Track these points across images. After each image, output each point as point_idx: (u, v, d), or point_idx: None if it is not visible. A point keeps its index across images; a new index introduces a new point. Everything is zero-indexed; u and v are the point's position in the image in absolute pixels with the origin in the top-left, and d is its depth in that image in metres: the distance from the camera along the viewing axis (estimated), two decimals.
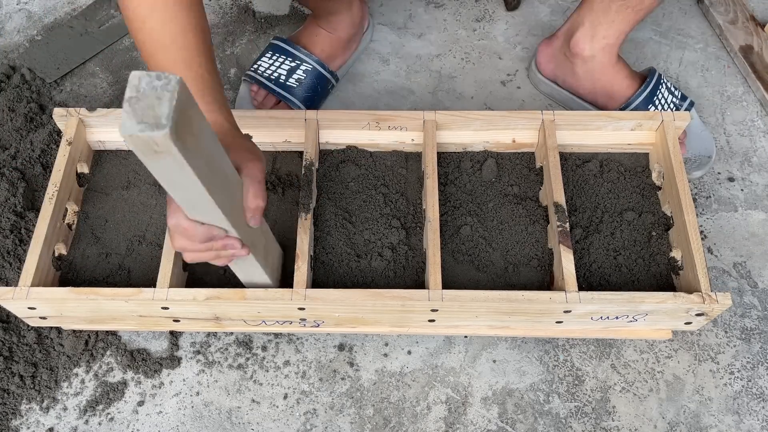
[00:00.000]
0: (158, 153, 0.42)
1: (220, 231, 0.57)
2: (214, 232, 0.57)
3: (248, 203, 0.59)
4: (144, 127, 0.39)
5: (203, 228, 0.56)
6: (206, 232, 0.56)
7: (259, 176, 0.60)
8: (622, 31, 0.89)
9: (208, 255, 0.60)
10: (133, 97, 0.40)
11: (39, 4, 1.15)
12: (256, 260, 0.66)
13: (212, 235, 0.57)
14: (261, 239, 0.69)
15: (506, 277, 0.79)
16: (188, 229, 0.56)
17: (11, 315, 0.82)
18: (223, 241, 0.58)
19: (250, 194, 0.59)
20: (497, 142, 0.87)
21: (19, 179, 0.91)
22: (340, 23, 0.97)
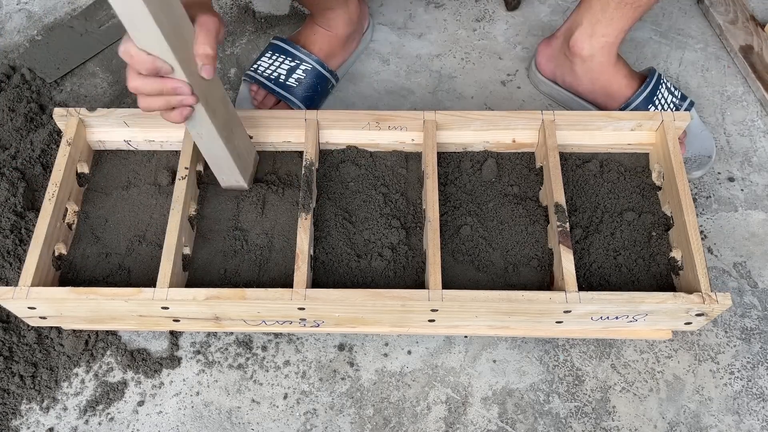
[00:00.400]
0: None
1: (166, 66, 0.60)
2: (159, 64, 0.59)
3: (197, 49, 0.62)
4: None
5: (149, 57, 0.59)
6: (152, 61, 0.59)
7: (211, 26, 0.62)
8: (621, 29, 0.89)
9: (159, 101, 0.63)
10: None
11: (39, 4, 1.15)
12: (212, 124, 0.69)
13: (157, 67, 0.60)
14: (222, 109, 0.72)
15: (506, 277, 0.79)
16: (134, 56, 0.59)
17: (11, 315, 0.82)
18: (172, 83, 0.61)
19: (199, 41, 0.62)
20: (497, 142, 0.87)
21: (19, 179, 0.91)
22: (337, 20, 0.97)
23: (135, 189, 0.85)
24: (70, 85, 1.05)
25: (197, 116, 0.68)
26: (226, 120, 0.73)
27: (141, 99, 0.64)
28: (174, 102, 0.64)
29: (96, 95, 1.04)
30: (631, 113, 0.85)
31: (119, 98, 1.04)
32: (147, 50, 0.59)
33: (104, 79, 1.06)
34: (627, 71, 0.94)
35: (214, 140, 0.72)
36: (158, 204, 0.84)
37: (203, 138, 0.72)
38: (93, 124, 0.85)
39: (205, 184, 0.85)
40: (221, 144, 0.73)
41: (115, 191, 0.85)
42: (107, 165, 0.87)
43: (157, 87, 0.62)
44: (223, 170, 0.78)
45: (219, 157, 0.76)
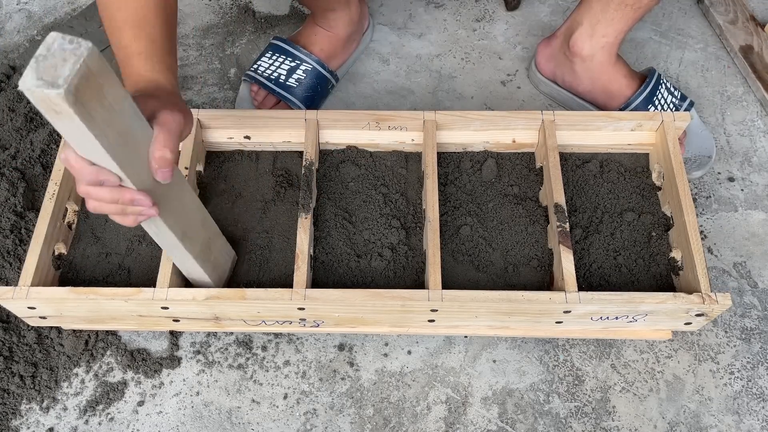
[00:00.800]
0: (58, 113, 0.43)
1: (112, 177, 0.52)
2: (104, 175, 0.52)
3: (153, 152, 0.54)
4: (41, 83, 0.41)
5: (92, 169, 0.51)
6: (95, 174, 0.52)
7: (172, 126, 0.55)
8: (621, 29, 0.89)
9: (113, 208, 0.56)
10: (42, 55, 0.41)
11: (39, 4, 1.15)
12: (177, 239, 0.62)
13: (101, 179, 0.52)
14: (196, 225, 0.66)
15: (506, 278, 0.79)
16: (75, 166, 0.51)
17: (11, 315, 0.83)
18: (129, 194, 0.54)
19: (157, 143, 0.54)
20: (497, 142, 0.87)
21: (19, 179, 0.91)
22: (338, 21, 0.97)
23: None
24: None
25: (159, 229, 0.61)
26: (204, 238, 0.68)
27: (90, 202, 0.56)
28: (131, 211, 0.56)
29: None
30: (631, 113, 0.85)
31: None
32: (90, 159, 0.51)
33: None
34: (627, 71, 0.94)
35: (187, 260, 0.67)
36: None
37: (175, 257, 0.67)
38: None
39: (205, 184, 0.85)
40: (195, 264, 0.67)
41: None
42: None
43: (111, 197, 0.54)
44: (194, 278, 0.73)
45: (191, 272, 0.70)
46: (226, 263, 0.77)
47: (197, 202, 0.67)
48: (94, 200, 0.55)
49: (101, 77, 0.44)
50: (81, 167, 0.51)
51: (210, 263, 0.72)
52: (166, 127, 0.55)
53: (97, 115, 0.45)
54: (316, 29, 0.99)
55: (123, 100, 0.48)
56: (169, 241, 0.64)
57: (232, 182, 0.85)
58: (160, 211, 0.58)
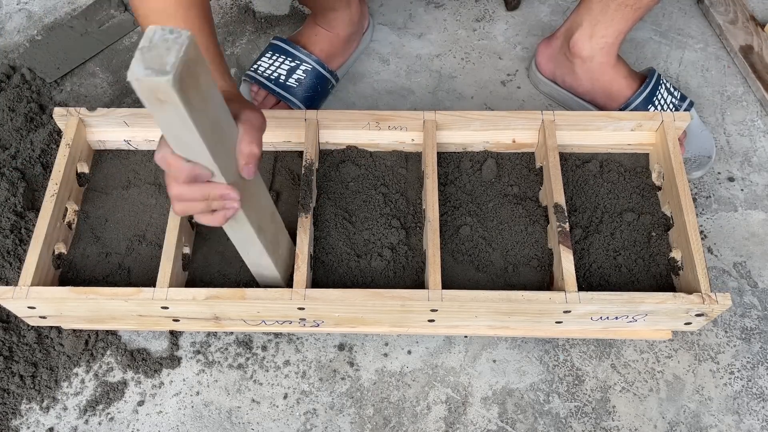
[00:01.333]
0: (162, 102, 0.45)
1: (206, 172, 0.54)
2: (199, 171, 0.54)
3: (242, 149, 0.57)
4: (149, 72, 0.43)
5: (188, 165, 0.54)
6: (191, 169, 0.54)
7: (256, 123, 0.58)
8: (621, 30, 0.89)
9: (201, 206, 0.58)
10: (145, 47, 0.43)
11: (39, 4, 1.15)
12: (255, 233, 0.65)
13: (196, 174, 0.54)
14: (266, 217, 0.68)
15: (506, 278, 0.80)
16: (172, 164, 0.54)
17: (11, 315, 0.83)
18: (219, 190, 0.56)
19: (245, 140, 0.57)
20: (497, 142, 0.87)
21: (19, 179, 0.91)
22: (338, 21, 0.97)
23: (135, 189, 0.85)
24: (70, 85, 1.05)
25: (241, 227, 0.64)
26: (273, 232, 0.70)
27: (177, 204, 0.58)
28: (216, 206, 0.58)
29: (96, 95, 1.04)
30: (631, 113, 0.85)
31: (119, 98, 1.04)
32: (186, 157, 0.53)
33: (104, 79, 1.06)
34: (627, 71, 0.94)
35: (260, 255, 0.69)
36: (158, 204, 0.84)
37: (248, 253, 0.69)
38: (93, 124, 0.85)
39: None
40: (267, 258, 0.70)
41: (115, 191, 0.85)
42: (107, 165, 0.87)
43: (202, 193, 0.56)
44: (264, 277, 0.75)
45: (262, 269, 0.72)
46: (291, 258, 0.78)
47: (268, 195, 0.70)
48: (186, 200, 0.57)
49: (198, 65, 0.46)
50: (178, 164, 0.54)
51: (278, 257, 0.73)
52: (250, 125, 0.58)
53: (195, 102, 0.46)
54: (316, 29, 0.99)
55: (213, 89, 0.50)
56: (247, 235, 0.65)
57: None
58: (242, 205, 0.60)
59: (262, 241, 0.67)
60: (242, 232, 0.65)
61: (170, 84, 0.42)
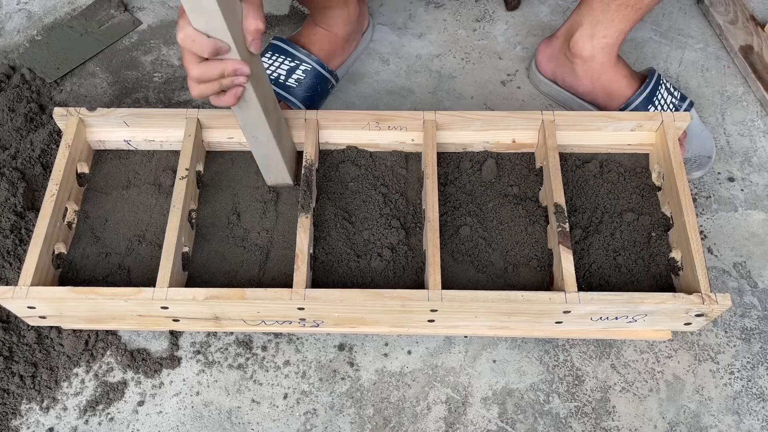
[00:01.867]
0: None
1: (225, 46, 0.61)
2: (219, 44, 0.60)
3: (248, 25, 0.63)
4: None
5: (209, 40, 0.60)
6: (212, 43, 0.60)
7: (257, 1, 0.63)
8: (622, 30, 0.89)
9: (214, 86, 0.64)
10: None
11: (39, 4, 1.15)
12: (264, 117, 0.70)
13: (217, 48, 0.61)
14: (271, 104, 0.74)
15: (506, 278, 0.80)
16: (195, 39, 0.60)
17: (11, 315, 0.83)
18: (233, 64, 0.62)
19: (249, 16, 0.62)
20: (497, 143, 0.87)
21: (19, 179, 0.91)
22: (336, 20, 0.97)
23: (135, 189, 0.85)
24: (70, 85, 1.05)
25: (251, 107, 0.69)
26: (276, 119, 0.75)
27: (196, 86, 0.64)
28: (226, 83, 0.64)
29: (96, 95, 1.04)
30: (631, 114, 0.85)
31: (119, 98, 1.04)
32: (207, 32, 0.60)
33: (104, 79, 1.06)
34: (627, 71, 0.94)
35: (267, 139, 0.74)
36: (158, 204, 0.84)
37: (257, 139, 0.74)
38: (93, 124, 0.85)
39: (205, 184, 0.85)
40: (274, 144, 0.75)
41: (115, 191, 0.85)
42: (107, 165, 0.87)
43: (219, 70, 0.62)
44: (271, 168, 0.80)
45: (270, 158, 0.78)
46: (293, 155, 0.83)
47: (269, 81, 0.74)
48: (205, 80, 0.63)
49: None
50: (201, 40, 0.60)
51: (282, 147, 0.78)
52: (253, 3, 0.63)
53: None
54: (315, 29, 0.99)
55: None
56: (255, 114, 0.70)
57: (232, 182, 0.85)
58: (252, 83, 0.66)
59: (269, 122, 0.72)
60: (251, 112, 0.70)
61: None
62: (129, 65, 1.07)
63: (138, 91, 1.05)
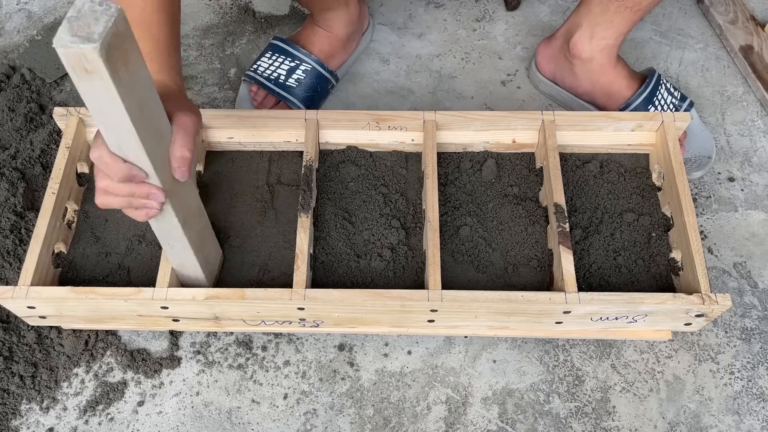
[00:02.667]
0: (89, 73, 0.45)
1: (141, 173, 0.56)
2: (135, 171, 0.56)
3: (174, 152, 0.58)
4: (76, 40, 0.43)
5: (124, 165, 0.55)
6: (127, 170, 0.55)
7: (190, 127, 0.59)
8: (621, 31, 0.89)
9: (124, 202, 0.58)
10: (73, 17, 0.43)
11: (39, 4, 1.15)
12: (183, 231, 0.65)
13: (132, 175, 0.56)
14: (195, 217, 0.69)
15: (506, 278, 0.79)
16: (109, 163, 0.55)
17: (11, 315, 0.83)
18: (146, 189, 0.57)
19: (177, 143, 0.58)
20: (497, 143, 0.87)
21: (19, 179, 0.91)
22: (336, 21, 0.97)
23: None
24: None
25: (168, 223, 0.64)
26: (199, 230, 0.70)
27: (102, 195, 0.59)
28: (137, 203, 0.59)
29: None
30: (631, 114, 0.85)
31: None
32: (123, 157, 0.54)
33: None
34: (627, 72, 0.94)
35: (184, 250, 0.69)
36: None
37: (173, 248, 0.69)
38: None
39: (205, 184, 0.85)
40: (191, 254, 0.69)
41: None
42: None
43: (129, 191, 0.57)
44: (187, 273, 0.74)
45: (185, 265, 0.72)
46: (216, 260, 0.77)
47: (195, 191, 0.69)
48: (112, 195, 0.58)
49: (127, 41, 0.46)
50: (115, 164, 0.55)
51: (203, 256, 0.73)
52: (183, 128, 0.58)
53: (123, 78, 0.46)
54: (315, 29, 0.99)
55: (144, 71, 0.50)
56: (172, 227, 0.65)
57: (232, 182, 0.85)
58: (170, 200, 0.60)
59: (186, 234, 0.66)
60: (167, 224, 0.65)
61: (96, 53, 0.42)
62: None
63: None
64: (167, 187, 0.59)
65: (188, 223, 0.67)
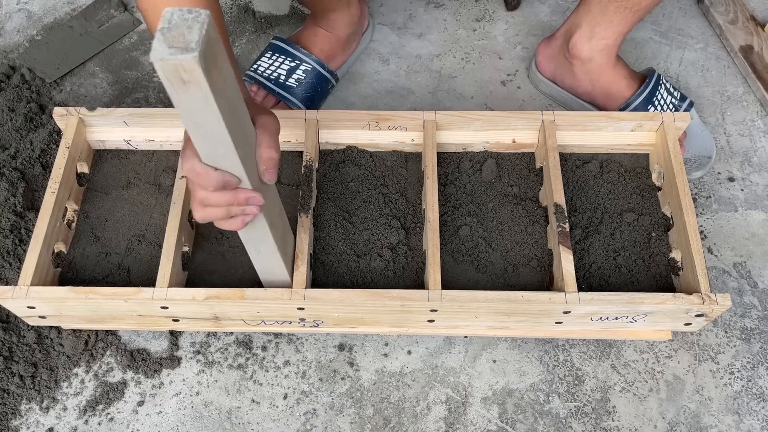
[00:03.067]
0: (186, 83, 0.43)
1: (234, 180, 0.55)
2: (228, 178, 0.54)
3: (261, 154, 0.57)
4: (174, 51, 0.41)
5: (217, 173, 0.54)
6: (220, 178, 0.54)
7: (272, 129, 0.58)
8: (621, 31, 0.89)
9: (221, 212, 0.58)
10: (165, 28, 0.42)
11: (39, 4, 1.15)
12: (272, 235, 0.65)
13: (225, 182, 0.54)
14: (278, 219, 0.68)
15: (506, 278, 0.79)
16: (201, 173, 0.54)
17: (11, 315, 0.83)
18: (245, 194, 0.56)
19: (263, 145, 0.57)
20: (497, 143, 0.87)
21: (19, 179, 0.91)
22: (338, 22, 0.97)
23: (135, 189, 0.85)
24: (70, 85, 1.05)
25: (257, 227, 0.63)
26: (282, 230, 0.70)
27: (201, 209, 0.58)
28: (236, 211, 0.58)
29: (96, 95, 1.04)
30: (631, 114, 0.85)
31: (119, 98, 1.04)
32: (215, 166, 0.53)
33: (104, 78, 1.06)
34: (626, 72, 0.94)
35: (271, 253, 0.68)
36: (158, 204, 0.84)
37: (259, 252, 0.68)
38: (93, 124, 0.85)
39: None
40: (278, 256, 0.69)
41: (115, 191, 0.85)
42: (107, 164, 0.87)
43: (227, 200, 0.56)
44: (270, 276, 0.73)
45: (271, 268, 0.72)
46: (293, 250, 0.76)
47: (276, 192, 0.68)
48: (211, 206, 0.57)
49: (216, 46, 0.45)
50: (207, 174, 0.53)
51: (287, 256, 0.72)
52: (268, 130, 0.57)
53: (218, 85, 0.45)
54: (315, 29, 0.99)
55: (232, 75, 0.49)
56: (260, 230, 0.64)
57: None
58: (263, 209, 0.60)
59: (274, 236, 0.66)
60: (257, 233, 0.65)
61: (196, 61, 0.41)
62: (129, 65, 1.07)
63: (138, 91, 1.04)
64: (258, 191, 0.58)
65: (274, 224, 0.66)
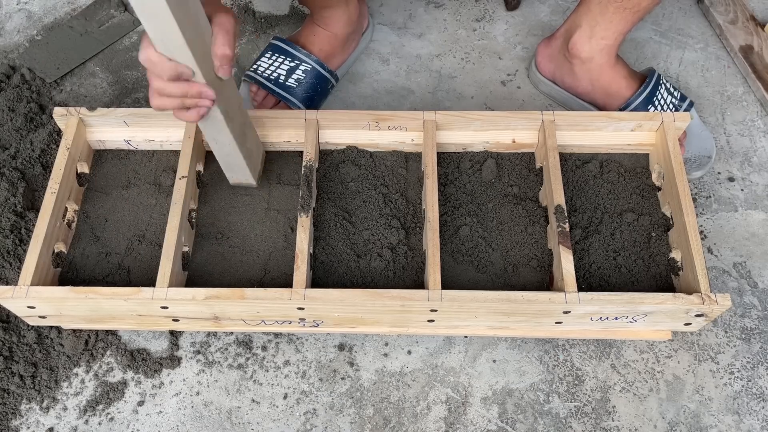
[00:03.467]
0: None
1: (188, 71, 0.60)
2: (181, 69, 0.59)
3: (216, 50, 0.61)
4: None
5: (171, 64, 0.59)
6: (174, 67, 0.59)
7: (228, 26, 0.62)
8: (620, 31, 0.89)
9: (175, 102, 0.63)
10: None
11: (39, 4, 1.15)
12: (228, 128, 0.69)
13: (179, 72, 0.59)
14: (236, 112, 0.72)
15: (506, 278, 0.80)
16: (156, 62, 0.59)
17: (11, 315, 0.83)
18: (197, 87, 0.61)
19: (218, 42, 0.61)
20: (497, 143, 0.87)
21: (19, 179, 0.91)
22: (336, 20, 0.97)
23: (135, 189, 0.85)
24: (70, 85, 1.05)
25: (213, 118, 0.68)
26: (240, 123, 0.74)
27: (157, 97, 0.63)
28: (190, 103, 0.63)
29: (96, 95, 1.04)
30: (631, 114, 0.85)
31: (119, 98, 1.04)
32: (168, 56, 0.58)
33: (104, 78, 1.06)
34: (626, 72, 0.94)
35: (229, 144, 0.73)
36: (158, 204, 0.84)
37: (218, 142, 0.73)
38: (93, 124, 0.85)
39: (205, 184, 0.85)
40: (236, 147, 0.74)
41: (115, 191, 0.85)
42: (107, 164, 0.87)
43: (181, 90, 0.61)
44: (233, 169, 0.80)
45: (232, 160, 0.77)
46: (258, 155, 0.82)
47: (235, 87, 0.72)
48: (166, 96, 0.62)
49: None
50: (162, 62, 0.59)
51: (246, 149, 0.77)
52: (223, 27, 0.62)
53: None
54: (315, 29, 0.99)
55: None
56: (216, 121, 0.69)
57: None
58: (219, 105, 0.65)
59: (231, 129, 0.70)
60: (213, 123, 0.69)
61: None
62: (129, 65, 1.07)
63: (138, 91, 1.05)
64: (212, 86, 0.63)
65: (230, 115, 0.70)
